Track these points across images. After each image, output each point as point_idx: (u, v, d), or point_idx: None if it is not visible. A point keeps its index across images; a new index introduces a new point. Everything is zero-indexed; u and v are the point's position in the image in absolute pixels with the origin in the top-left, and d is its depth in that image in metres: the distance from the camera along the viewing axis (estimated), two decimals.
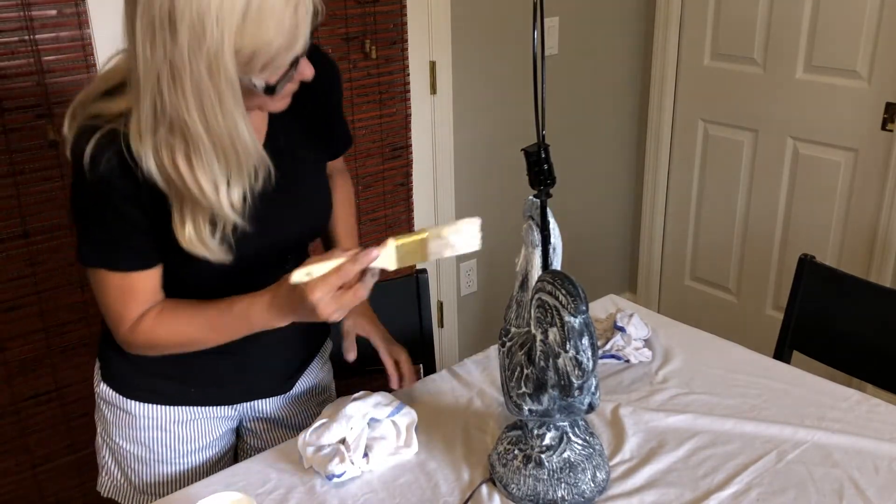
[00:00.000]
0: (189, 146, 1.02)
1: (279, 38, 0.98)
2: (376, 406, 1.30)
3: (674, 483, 1.21)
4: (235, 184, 1.07)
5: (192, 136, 1.00)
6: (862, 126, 2.55)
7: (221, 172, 1.05)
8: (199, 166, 1.03)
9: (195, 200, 1.06)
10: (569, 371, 1.08)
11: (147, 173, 1.04)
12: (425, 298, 1.81)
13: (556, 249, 1.19)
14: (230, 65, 0.97)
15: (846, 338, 1.75)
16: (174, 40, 0.94)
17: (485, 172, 2.75)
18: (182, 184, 1.04)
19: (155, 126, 1.00)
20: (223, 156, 1.03)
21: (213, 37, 0.94)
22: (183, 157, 1.02)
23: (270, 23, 0.96)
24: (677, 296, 3.28)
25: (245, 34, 0.96)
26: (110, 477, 1.39)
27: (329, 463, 1.22)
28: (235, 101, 1.00)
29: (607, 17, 2.93)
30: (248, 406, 1.41)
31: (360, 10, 2.28)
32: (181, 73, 0.96)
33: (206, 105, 0.98)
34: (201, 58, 0.95)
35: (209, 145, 1.01)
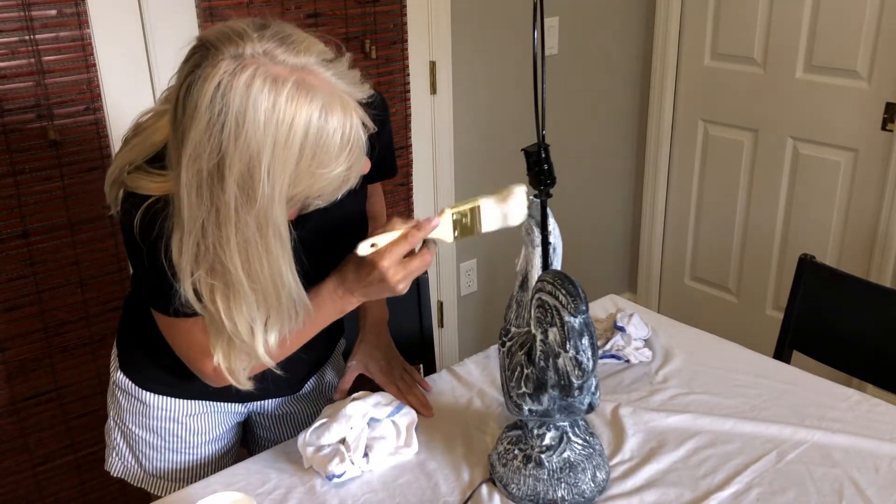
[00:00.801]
0: (229, 290, 0.97)
1: (334, 182, 0.95)
2: (376, 406, 1.30)
3: (674, 483, 1.21)
4: (273, 328, 1.03)
5: (233, 282, 0.96)
6: (862, 126, 2.55)
7: (260, 317, 1.01)
8: (237, 309, 0.99)
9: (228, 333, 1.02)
10: (569, 371, 1.08)
11: (184, 298, 0.99)
12: (425, 298, 1.81)
13: (556, 249, 1.19)
14: (280, 216, 0.93)
15: (846, 338, 1.75)
16: (222, 191, 0.90)
17: (485, 172, 2.75)
18: (219, 319, 1.00)
19: (196, 263, 0.96)
20: (264, 302, 0.99)
21: (263, 193, 0.90)
22: (222, 296, 0.98)
23: (324, 171, 0.93)
24: (677, 296, 3.28)
25: (298, 185, 0.93)
26: (121, 458, 1.41)
27: (329, 463, 1.22)
28: (283, 251, 0.96)
29: (607, 17, 2.93)
30: (257, 404, 1.43)
31: (360, 10, 2.28)
32: (227, 222, 0.92)
33: (252, 256, 0.94)
34: (250, 212, 0.91)
35: (250, 293, 0.97)
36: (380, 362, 1.44)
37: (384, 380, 1.43)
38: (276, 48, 0.90)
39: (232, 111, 0.87)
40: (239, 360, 1.07)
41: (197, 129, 0.88)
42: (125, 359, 1.35)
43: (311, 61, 0.92)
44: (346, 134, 0.93)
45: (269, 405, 1.45)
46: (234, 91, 0.87)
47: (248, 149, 0.88)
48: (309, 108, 0.89)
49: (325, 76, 0.92)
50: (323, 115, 0.90)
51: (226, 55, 0.88)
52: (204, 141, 0.88)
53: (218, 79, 0.87)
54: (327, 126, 0.91)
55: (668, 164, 3.16)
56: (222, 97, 0.87)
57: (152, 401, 1.34)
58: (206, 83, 0.88)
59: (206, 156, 0.89)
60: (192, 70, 0.89)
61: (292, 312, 1.04)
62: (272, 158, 0.89)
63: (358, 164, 0.98)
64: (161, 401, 1.34)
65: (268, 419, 1.48)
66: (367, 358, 1.44)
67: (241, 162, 0.89)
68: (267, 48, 0.90)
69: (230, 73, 0.87)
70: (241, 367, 1.08)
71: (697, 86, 2.99)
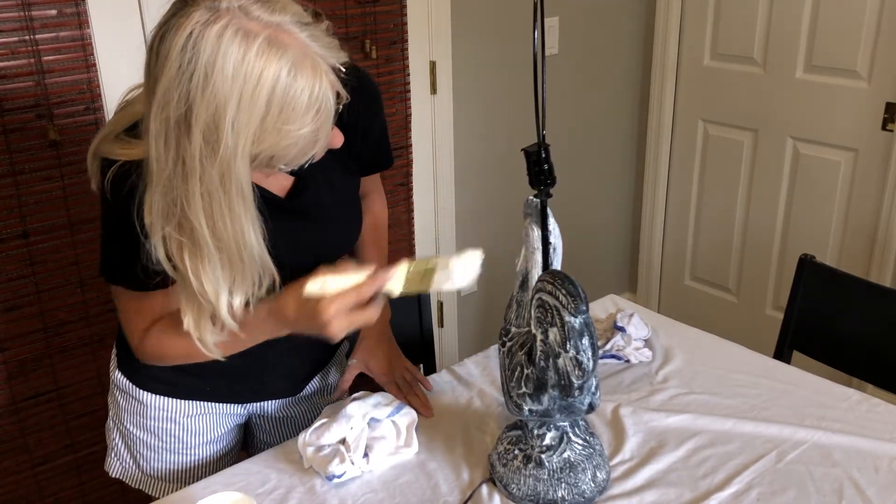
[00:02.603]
0: (196, 248, 0.98)
1: (299, 143, 0.95)
2: (376, 406, 1.30)
3: (674, 483, 1.21)
4: (238, 292, 1.03)
5: (198, 240, 0.97)
6: (862, 126, 2.55)
7: (225, 280, 1.01)
8: (203, 268, 0.99)
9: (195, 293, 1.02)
10: (569, 371, 1.08)
11: (155, 257, 1.00)
12: (425, 298, 1.80)
13: (556, 249, 1.19)
14: (243, 173, 0.94)
15: (846, 338, 1.75)
16: (188, 142, 0.91)
17: (485, 172, 2.75)
18: (186, 279, 1.01)
19: (165, 219, 0.97)
20: (228, 263, 1.00)
21: (227, 145, 0.91)
22: (189, 254, 0.99)
23: (290, 130, 0.93)
24: (677, 296, 3.28)
25: (262, 142, 0.93)
26: (119, 459, 1.41)
27: (329, 463, 1.22)
28: (246, 209, 0.97)
29: (607, 17, 2.93)
30: (257, 406, 1.43)
31: (360, 10, 2.28)
32: (191, 175, 0.92)
33: (216, 212, 0.95)
34: (214, 163, 0.92)
35: (214, 251, 0.98)
36: (381, 361, 1.44)
37: (385, 379, 1.43)
38: (252, 4, 0.91)
39: (201, 60, 0.88)
40: (207, 327, 1.06)
41: (167, 77, 0.89)
42: (124, 358, 1.35)
43: (285, 20, 0.92)
44: (314, 94, 0.93)
45: (270, 407, 1.44)
46: (206, 41, 0.88)
47: (214, 99, 0.89)
48: (278, 64, 0.90)
49: (298, 36, 0.92)
50: (292, 72, 0.91)
51: (201, 6, 0.89)
52: (172, 88, 0.89)
53: (190, 28, 0.88)
54: (295, 84, 0.91)
55: (668, 164, 3.16)
56: (193, 46, 0.88)
57: (150, 401, 1.34)
58: (178, 31, 0.89)
59: (175, 104, 0.89)
60: (168, 19, 0.91)
61: (256, 277, 1.03)
62: (238, 111, 0.90)
63: (325, 129, 0.97)
64: (159, 401, 1.34)
65: (268, 422, 1.47)
66: (368, 356, 1.44)
67: (208, 112, 0.89)
68: (243, 3, 0.91)
69: (203, 24, 0.88)
70: (210, 338, 1.07)
71: (697, 86, 2.99)
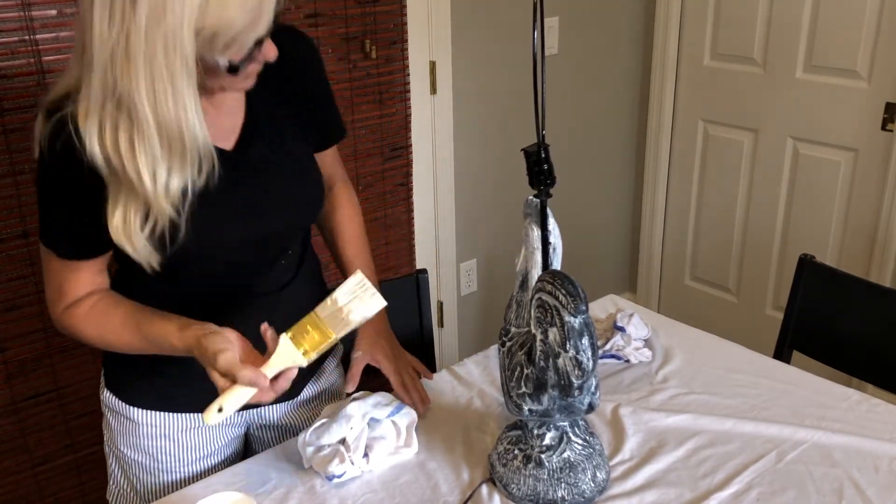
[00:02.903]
0: (133, 127, 0.98)
1: (242, 17, 0.97)
2: (376, 406, 1.30)
3: (674, 483, 1.21)
4: (175, 174, 1.03)
5: (138, 117, 0.97)
6: (862, 126, 2.55)
7: (163, 158, 1.01)
8: (141, 149, 0.99)
9: (131, 186, 1.02)
10: (569, 371, 1.08)
11: (89, 152, 1.01)
12: (425, 298, 1.81)
13: (556, 249, 1.19)
14: (188, 44, 0.95)
15: (846, 338, 1.75)
16: (133, 14, 0.92)
17: (485, 172, 2.75)
18: (121, 166, 1.01)
19: (103, 102, 0.98)
20: (167, 141, 1.00)
21: (173, 14, 0.92)
22: (126, 137, 0.99)
23: (234, 2, 0.95)
24: (677, 296, 3.28)
25: (208, 13, 0.94)
26: (116, 485, 1.37)
27: (329, 464, 1.22)
28: (188, 83, 0.97)
29: (607, 17, 2.93)
30: (254, 413, 1.39)
31: (360, 10, 2.28)
32: (136, 48, 0.93)
33: (158, 85, 0.95)
34: (159, 35, 0.93)
35: (154, 128, 0.98)
36: (386, 351, 1.41)
37: (391, 368, 1.39)
38: None
39: None
40: (135, 227, 1.05)
41: None
42: (110, 375, 1.32)
43: None
44: None
45: (268, 415, 1.40)
46: None
47: None
48: None
49: None
50: None
51: None
52: None
53: None
54: None
55: (668, 164, 3.16)
56: None
57: (142, 418, 1.29)
58: None
59: None
60: None
61: (196, 160, 1.03)
62: None
63: (268, 10, 0.99)
64: (151, 417, 1.29)
65: (267, 432, 1.43)
66: (372, 347, 1.40)
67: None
68: None
69: None
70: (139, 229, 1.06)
71: (697, 86, 2.99)
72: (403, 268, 2.64)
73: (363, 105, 2.38)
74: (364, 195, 2.48)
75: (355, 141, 2.40)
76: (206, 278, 1.20)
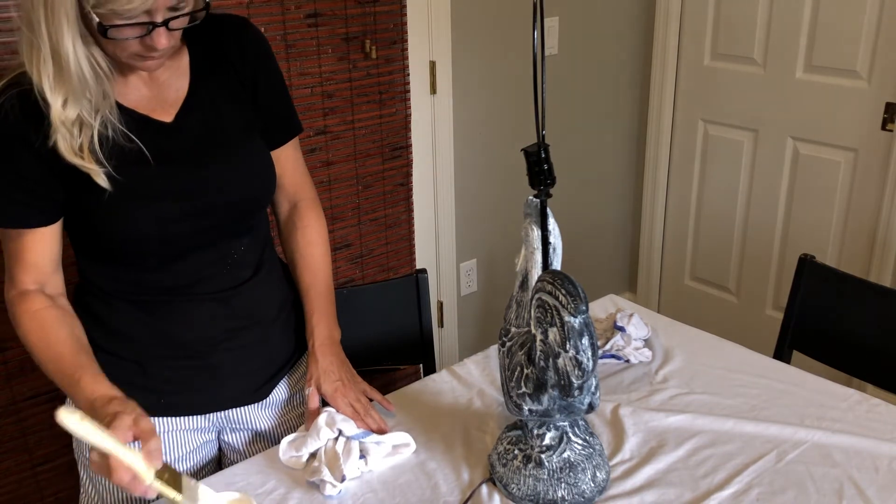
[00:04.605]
0: (34, 49, 1.06)
1: None
2: (345, 420, 1.28)
3: (674, 483, 1.21)
4: (72, 104, 1.09)
5: (37, 41, 1.05)
6: (862, 126, 2.55)
7: (58, 90, 1.08)
8: (44, 73, 1.07)
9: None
10: (569, 371, 1.08)
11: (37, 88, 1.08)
12: (425, 298, 1.81)
13: (556, 249, 1.19)
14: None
15: (846, 338, 1.75)
16: None
17: (485, 172, 2.75)
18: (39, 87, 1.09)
19: (25, 28, 1.06)
20: (59, 73, 1.07)
21: None
22: (36, 56, 1.07)
23: None
24: (677, 296, 3.28)
25: None
26: (86, 495, 1.34)
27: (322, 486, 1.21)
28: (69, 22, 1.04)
29: (607, 17, 2.94)
30: (223, 417, 1.35)
31: (360, 10, 2.28)
32: None
33: (48, 13, 1.03)
34: None
35: (49, 52, 1.06)
36: (334, 383, 1.34)
37: (339, 401, 1.32)
38: None
39: None
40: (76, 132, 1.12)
41: None
42: None
43: None
44: None
45: (237, 418, 1.37)
46: None
47: None
48: None
49: None
50: None
51: None
52: None
53: None
54: None
55: (668, 164, 3.16)
56: None
57: None
58: None
59: None
60: None
61: (82, 91, 1.09)
62: None
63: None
64: None
65: (238, 437, 1.40)
66: (320, 380, 1.34)
67: None
68: None
69: None
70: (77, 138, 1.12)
71: (697, 86, 2.99)
72: (403, 268, 2.64)
73: (363, 105, 2.38)
74: (364, 195, 2.48)
75: (355, 141, 2.40)
76: (153, 264, 1.22)
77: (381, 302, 1.80)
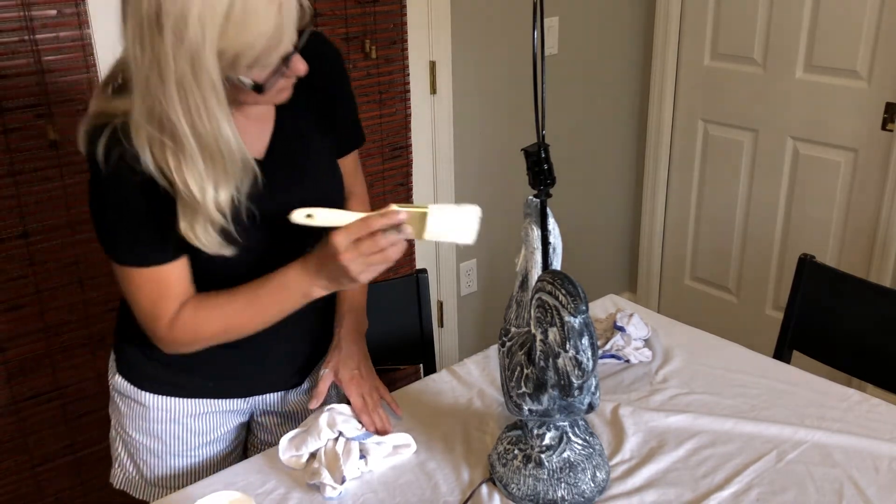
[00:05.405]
0: (177, 146, 1.02)
1: (262, 39, 0.99)
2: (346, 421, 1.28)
3: (674, 483, 1.21)
4: (222, 187, 1.07)
5: (178, 137, 1.01)
6: (862, 126, 2.55)
7: (208, 175, 1.05)
8: (187, 167, 1.04)
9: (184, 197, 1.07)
10: (569, 371, 1.08)
11: (146, 167, 1.05)
12: (425, 298, 1.81)
13: (556, 249, 1.19)
14: (212, 66, 0.98)
15: (846, 338, 1.75)
16: (160, 40, 0.96)
17: (485, 172, 2.75)
18: (173, 181, 1.05)
19: (148, 123, 1.02)
20: (209, 158, 1.04)
21: (195, 37, 0.96)
22: (172, 155, 1.03)
23: (253, 25, 0.98)
24: (677, 296, 3.28)
25: (227, 36, 0.97)
26: (123, 469, 1.41)
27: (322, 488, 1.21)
28: (219, 103, 1.01)
29: (607, 17, 2.93)
30: (259, 399, 1.42)
31: (360, 10, 2.28)
32: (167, 72, 0.97)
33: (192, 106, 0.99)
34: (184, 57, 0.96)
35: (195, 147, 1.02)
36: (352, 371, 1.36)
37: (352, 389, 1.34)
38: None
39: None
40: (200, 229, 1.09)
41: None
42: (122, 360, 1.35)
43: None
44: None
45: (271, 402, 1.43)
46: None
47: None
48: None
49: None
50: None
51: None
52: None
53: None
54: None
55: (668, 164, 3.16)
56: None
57: (152, 402, 1.33)
58: None
59: (146, 6, 0.95)
60: None
61: (238, 172, 1.07)
62: (203, 5, 0.95)
63: (288, 29, 1.02)
64: (160, 401, 1.33)
65: (269, 419, 1.46)
66: (339, 365, 1.37)
67: (175, 8, 0.95)
68: None
69: None
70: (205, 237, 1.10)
71: (697, 86, 2.99)
72: (403, 268, 2.64)
73: (363, 105, 2.38)
74: None
75: None
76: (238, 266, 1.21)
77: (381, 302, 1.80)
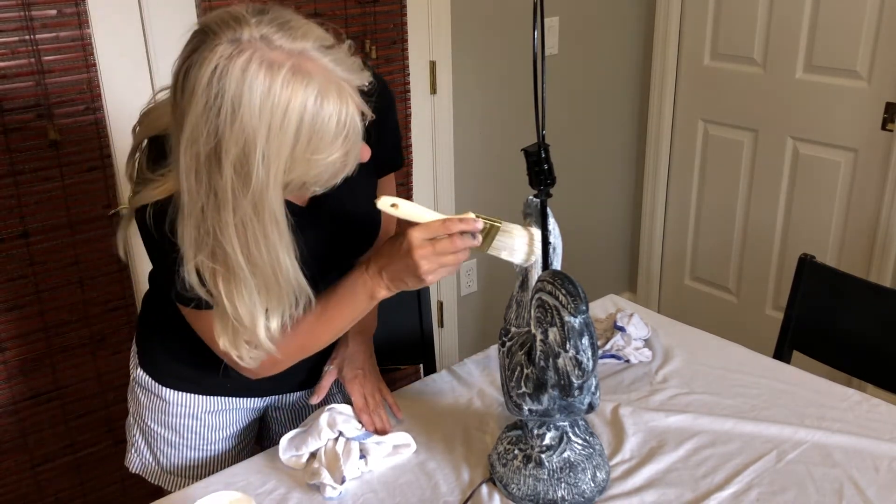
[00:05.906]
0: (230, 273, 0.97)
1: (330, 168, 0.95)
2: (346, 421, 1.28)
3: (674, 483, 1.21)
4: (274, 315, 1.03)
5: (232, 266, 0.96)
6: (862, 126, 2.55)
7: (261, 304, 1.01)
8: (238, 294, 0.99)
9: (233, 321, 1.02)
10: (569, 371, 1.08)
11: (188, 284, 0.99)
12: (425, 298, 1.80)
13: (556, 249, 1.19)
14: (276, 201, 0.93)
15: (846, 338, 1.75)
16: (219, 176, 0.90)
17: (485, 172, 2.75)
18: (221, 304, 1.01)
19: (197, 248, 0.96)
20: (264, 287, 0.99)
21: (258, 177, 0.90)
22: (223, 280, 0.98)
23: (320, 157, 0.93)
24: (677, 296, 3.28)
25: (293, 170, 0.93)
26: (139, 455, 1.43)
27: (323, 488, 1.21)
28: (280, 236, 0.96)
29: (607, 17, 2.93)
30: (276, 397, 1.44)
31: (360, 10, 2.28)
32: (224, 206, 0.92)
33: (251, 240, 0.95)
34: (246, 195, 0.91)
35: (250, 276, 0.97)
36: (355, 370, 1.38)
37: (355, 388, 1.35)
38: (274, 33, 0.90)
39: (228, 95, 0.87)
40: (244, 347, 1.06)
41: (194, 113, 0.89)
42: (145, 356, 1.36)
43: (308, 46, 0.91)
44: (341, 121, 0.93)
45: (287, 399, 1.46)
46: (231, 75, 0.87)
47: (243, 133, 0.88)
48: (304, 94, 0.89)
49: (322, 62, 0.92)
50: (318, 100, 0.90)
51: (223, 39, 0.88)
52: (201, 124, 0.89)
53: (215, 63, 0.87)
54: (322, 112, 0.91)
55: (668, 164, 3.16)
56: (219, 81, 0.87)
57: (172, 398, 1.35)
58: (203, 67, 0.88)
59: (204, 139, 0.89)
60: (191, 54, 0.90)
61: (292, 299, 1.03)
62: (267, 143, 0.89)
63: (354, 152, 0.98)
64: (180, 397, 1.35)
65: (284, 413, 1.49)
66: (344, 363, 1.38)
67: (237, 146, 0.89)
68: (264, 33, 0.90)
69: (227, 57, 0.88)
70: (249, 356, 1.07)
71: (697, 86, 2.99)
72: None
73: None
74: None
75: None
76: None
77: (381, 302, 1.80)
